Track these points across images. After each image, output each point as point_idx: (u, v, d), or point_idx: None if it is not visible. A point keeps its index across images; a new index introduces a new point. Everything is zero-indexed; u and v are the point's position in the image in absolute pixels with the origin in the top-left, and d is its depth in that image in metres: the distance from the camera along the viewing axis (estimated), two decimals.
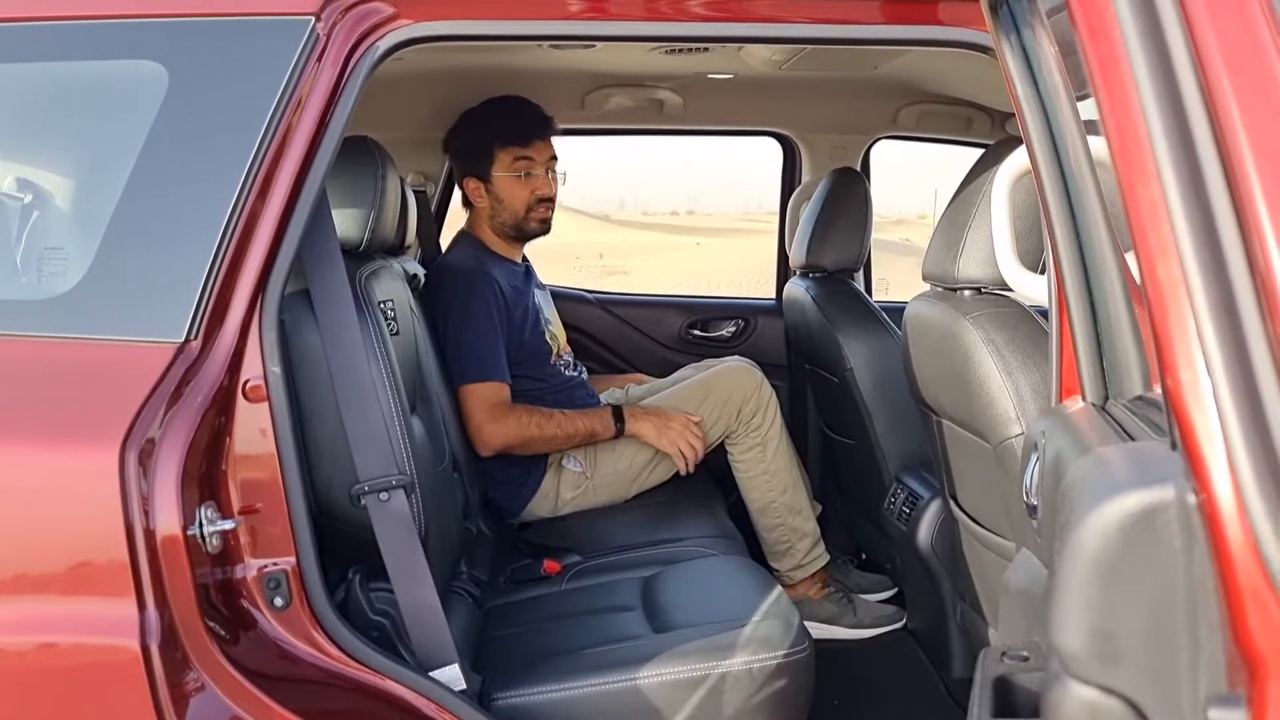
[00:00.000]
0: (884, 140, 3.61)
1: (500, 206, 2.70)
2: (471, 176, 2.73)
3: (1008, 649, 1.08)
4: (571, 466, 2.65)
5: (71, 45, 1.54)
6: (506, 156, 2.68)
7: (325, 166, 1.50)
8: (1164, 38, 0.79)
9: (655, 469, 2.68)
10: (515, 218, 2.71)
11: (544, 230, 2.77)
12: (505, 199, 2.69)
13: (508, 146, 2.69)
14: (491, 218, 2.73)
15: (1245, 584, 0.72)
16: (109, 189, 1.47)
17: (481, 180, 2.71)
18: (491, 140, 2.70)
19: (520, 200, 2.70)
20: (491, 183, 2.70)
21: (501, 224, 2.72)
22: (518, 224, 2.72)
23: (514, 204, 2.70)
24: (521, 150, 2.69)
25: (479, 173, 2.71)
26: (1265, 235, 0.73)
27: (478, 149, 2.72)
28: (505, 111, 2.75)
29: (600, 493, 2.66)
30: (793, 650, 1.75)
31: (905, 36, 1.67)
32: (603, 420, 2.61)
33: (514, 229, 2.73)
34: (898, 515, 2.48)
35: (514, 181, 2.69)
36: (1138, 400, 1.10)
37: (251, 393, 1.44)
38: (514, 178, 2.69)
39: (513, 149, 2.69)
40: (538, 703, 1.71)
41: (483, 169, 2.70)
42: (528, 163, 2.69)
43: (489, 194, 2.71)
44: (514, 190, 2.69)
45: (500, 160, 2.69)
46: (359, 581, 1.68)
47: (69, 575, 1.32)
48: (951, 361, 1.84)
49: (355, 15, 1.52)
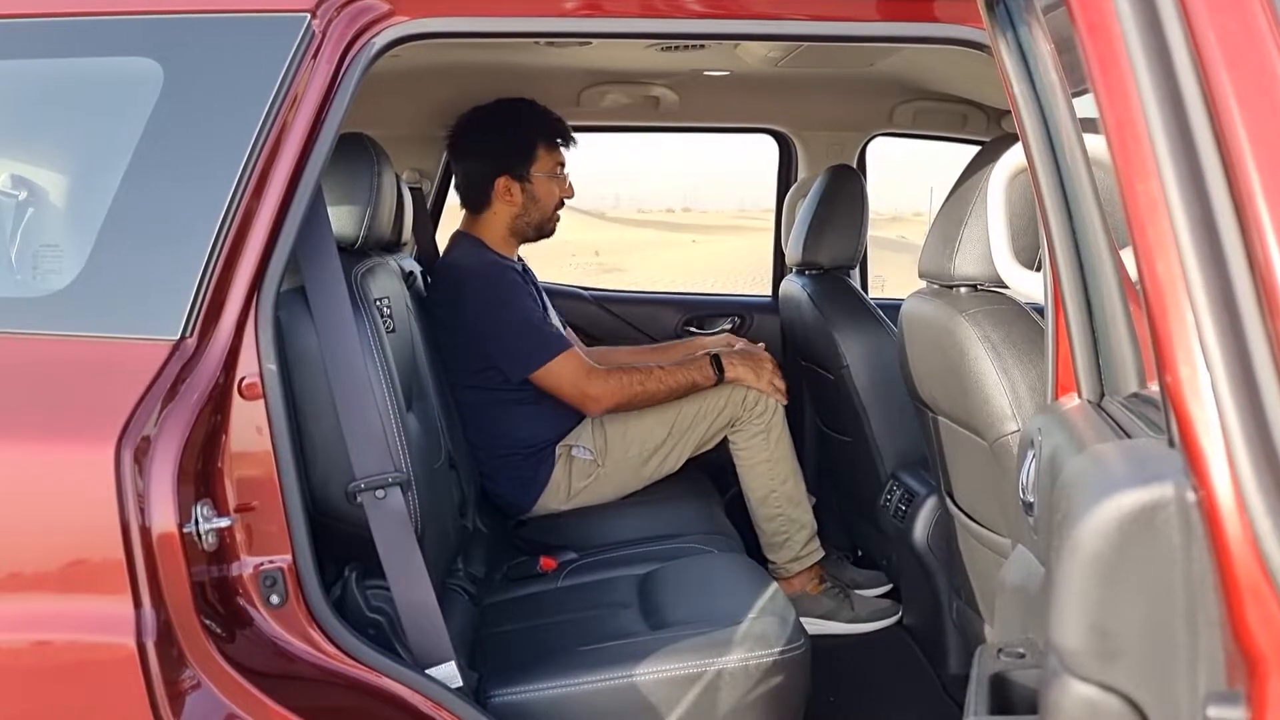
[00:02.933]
0: (880, 137, 3.62)
1: (533, 206, 2.69)
2: (507, 174, 2.67)
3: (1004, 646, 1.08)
4: (582, 455, 2.64)
5: (67, 42, 1.54)
6: (548, 157, 2.68)
7: (321, 164, 1.50)
8: (1163, 34, 0.79)
9: (666, 457, 2.68)
10: (544, 216, 2.71)
11: (553, 234, 2.79)
12: (541, 198, 2.69)
13: (552, 148, 2.69)
14: (517, 217, 2.70)
15: (1244, 581, 0.72)
16: (104, 186, 1.47)
17: (518, 179, 2.67)
18: (536, 138, 2.68)
19: (553, 200, 2.70)
20: (530, 182, 2.68)
21: (527, 223, 2.71)
22: (542, 224, 2.72)
23: (548, 204, 2.70)
24: (562, 151, 2.70)
25: (518, 171, 2.67)
26: (1265, 231, 0.73)
27: (520, 147, 2.68)
28: (542, 112, 2.73)
29: (611, 481, 2.66)
30: (789, 647, 1.75)
31: (902, 34, 1.67)
32: (701, 370, 2.65)
33: (536, 229, 2.72)
34: (894, 512, 2.48)
35: (551, 182, 2.69)
36: (1133, 397, 1.10)
37: (247, 390, 1.44)
38: (551, 178, 2.69)
39: (555, 150, 2.69)
40: (534, 700, 1.71)
41: (523, 167, 2.67)
42: (561, 166, 2.71)
43: (524, 193, 2.68)
44: (550, 190, 2.69)
45: (542, 160, 2.68)
46: (355, 579, 1.67)
47: (65, 573, 1.32)
48: (947, 358, 1.84)
49: (351, 12, 1.52)
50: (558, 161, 2.70)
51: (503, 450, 2.62)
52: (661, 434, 2.65)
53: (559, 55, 2.84)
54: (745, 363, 2.68)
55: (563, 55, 2.84)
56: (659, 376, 2.61)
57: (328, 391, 1.59)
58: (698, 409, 2.65)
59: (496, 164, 2.68)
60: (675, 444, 2.66)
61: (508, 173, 2.67)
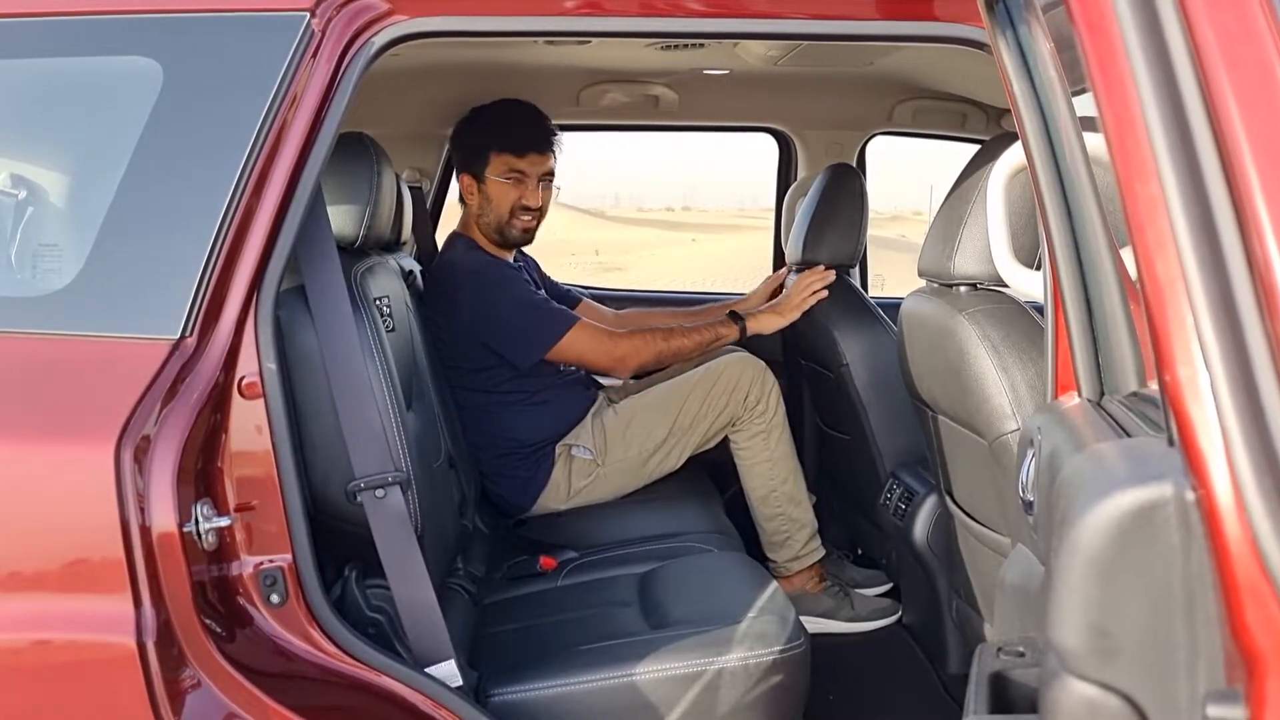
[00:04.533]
0: (880, 136, 3.61)
1: (488, 207, 2.71)
2: (467, 172, 2.74)
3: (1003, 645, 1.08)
4: (582, 455, 2.64)
5: (66, 41, 1.54)
6: (500, 163, 2.69)
7: (320, 163, 1.50)
8: (1162, 33, 0.79)
9: (666, 456, 2.68)
10: (500, 220, 2.72)
11: (526, 239, 2.79)
12: (494, 200, 2.70)
13: (503, 153, 2.70)
14: (478, 217, 2.74)
15: (1243, 580, 0.72)
16: (104, 185, 1.47)
17: (475, 179, 2.72)
18: (489, 143, 2.70)
19: (506, 204, 2.70)
20: (484, 183, 2.71)
21: (487, 224, 2.73)
22: (500, 228, 2.73)
23: (500, 207, 2.70)
24: (516, 160, 2.70)
25: (474, 170, 2.72)
26: (1264, 231, 0.73)
27: (476, 148, 2.73)
28: (511, 118, 2.75)
29: (611, 480, 2.66)
30: (789, 646, 1.75)
31: (901, 33, 1.67)
32: (725, 323, 2.71)
33: (497, 232, 2.73)
34: (893, 511, 2.48)
35: (503, 186, 2.70)
36: (1133, 396, 1.10)
37: (247, 389, 1.44)
38: (504, 183, 2.70)
39: (507, 156, 2.70)
40: (534, 698, 1.71)
41: (478, 168, 2.71)
42: (519, 174, 2.70)
43: (480, 193, 2.72)
44: (502, 193, 2.70)
45: (494, 164, 2.70)
46: (355, 578, 1.67)
47: (65, 572, 1.32)
48: (947, 357, 1.84)
49: (350, 11, 1.52)
50: (511, 167, 2.69)
51: (502, 450, 2.62)
52: (661, 433, 2.65)
53: (558, 54, 2.84)
54: (768, 312, 2.74)
55: (562, 54, 2.84)
56: (682, 332, 2.67)
57: (327, 391, 1.59)
58: (699, 408, 2.65)
59: (461, 163, 2.78)
60: (675, 443, 2.66)
61: (468, 171, 2.74)
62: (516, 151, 2.70)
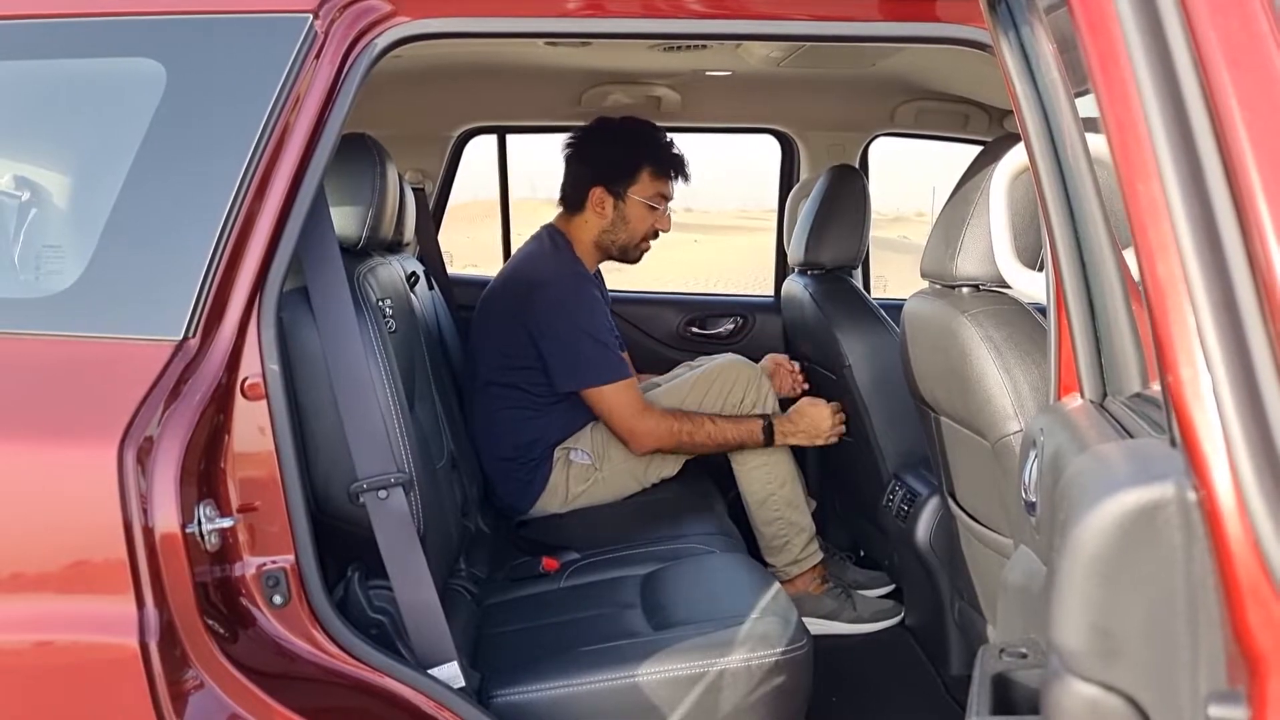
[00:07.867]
0: (882, 137, 3.61)
1: (622, 225, 2.68)
2: (604, 186, 2.68)
3: (1006, 646, 1.08)
4: (580, 459, 2.64)
5: (69, 43, 1.54)
6: (649, 185, 2.67)
7: (323, 164, 1.50)
8: (1164, 34, 0.79)
9: (665, 461, 2.68)
10: (631, 241, 2.70)
11: (638, 261, 2.78)
12: (631, 221, 2.68)
13: (656, 177, 2.68)
14: (604, 231, 2.70)
15: (1245, 581, 0.72)
16: (107, 187, 1.47)
17: (613, 194, 2.67)
18: (642, 161, 2.67)
19: (643, 227, 2.69)
20: (624, 201, 2.67)
21: (611, 240, 2.70)
22: (626, 248, 2.71)
23: (635, 229, 2.69)
24: (663, 184, 2.69)
25: (615, 187, 2.67)
26: (1265, 232, 0.73)
27: (625, 164, 2.68)
28: (657, 139, 2.72)
29: (609, 485, 2.66)
30: (791, 647, 1.75)
31: (904, 34, 1.67)
32: (752, 433, 2.62)
33: (620, 250, 2.72)
34: (896, 512, 2.48)
35: (645, 209, 2.68)
36: (1136, 397, 1.10)
37: (250, 390, 1.44)
38: (647, 205, 2.68)
39: (660, 180, 2.68)
40: (536, 700, 1.71)
41: (621, 185, 2.67)
42: (663, 198, 2.69)
43: (615, 209, 2.68)
44: (642, 216, 2.68)
45: (643, 184, 2.67)
46: (358, 579, 1.68)
47: (68, 573, 1.32)
48: (949, 358, 1.84)
49: (353, 12, 1.52)
50: (659, 192, 2.68)
51: (503, 453, 2.62)
52: None
53: (561, 55, 2.84)
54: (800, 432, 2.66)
55: (565, 55, 2.84)
56: (709, 430, 2.59)
57: (330, 392, 1.59)
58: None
59: (598, 173, 2.69)
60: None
61: (605, 185, 2.67)
62: (665, 175, 2.68)
